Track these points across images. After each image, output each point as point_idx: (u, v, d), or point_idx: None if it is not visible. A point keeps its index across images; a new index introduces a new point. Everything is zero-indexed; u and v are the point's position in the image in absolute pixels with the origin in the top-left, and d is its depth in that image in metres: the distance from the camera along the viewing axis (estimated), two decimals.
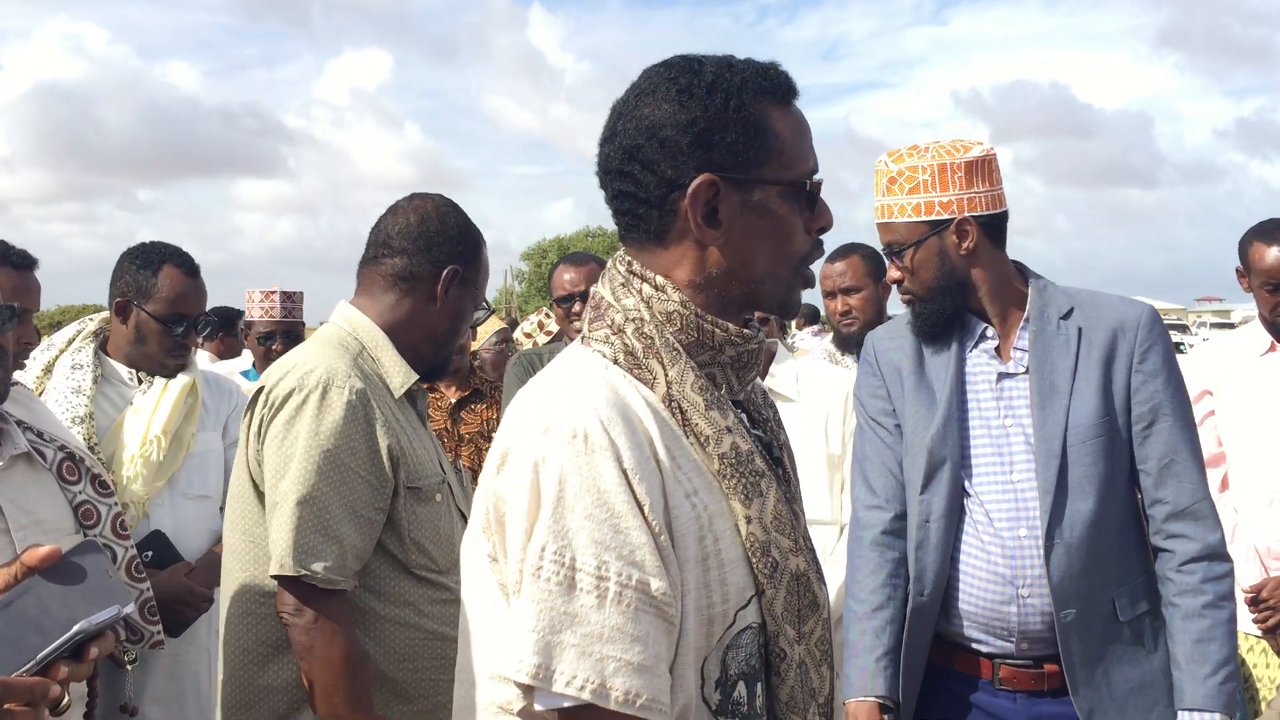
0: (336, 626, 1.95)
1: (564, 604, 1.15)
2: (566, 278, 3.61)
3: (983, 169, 2.18)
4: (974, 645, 2.18)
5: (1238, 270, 3.39)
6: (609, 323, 1.32)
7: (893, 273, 2.26)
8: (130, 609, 1.13)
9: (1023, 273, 2.27)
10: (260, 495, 2.06)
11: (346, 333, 2.15)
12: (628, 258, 1.35)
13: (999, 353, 2.21)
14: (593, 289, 1.37)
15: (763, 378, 2.81)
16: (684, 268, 1.31)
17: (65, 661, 1.08)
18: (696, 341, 1.30)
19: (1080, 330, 2.15)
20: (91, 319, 3.05)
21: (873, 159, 2.26)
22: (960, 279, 2.19)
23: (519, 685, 1.18)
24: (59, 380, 2.85)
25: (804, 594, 1.29)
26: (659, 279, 1.31)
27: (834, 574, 2.69)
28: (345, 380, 2.00)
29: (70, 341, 2.96)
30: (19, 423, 1.99)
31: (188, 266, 2.98)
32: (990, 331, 2.22)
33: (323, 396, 1.98)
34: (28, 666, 1.06)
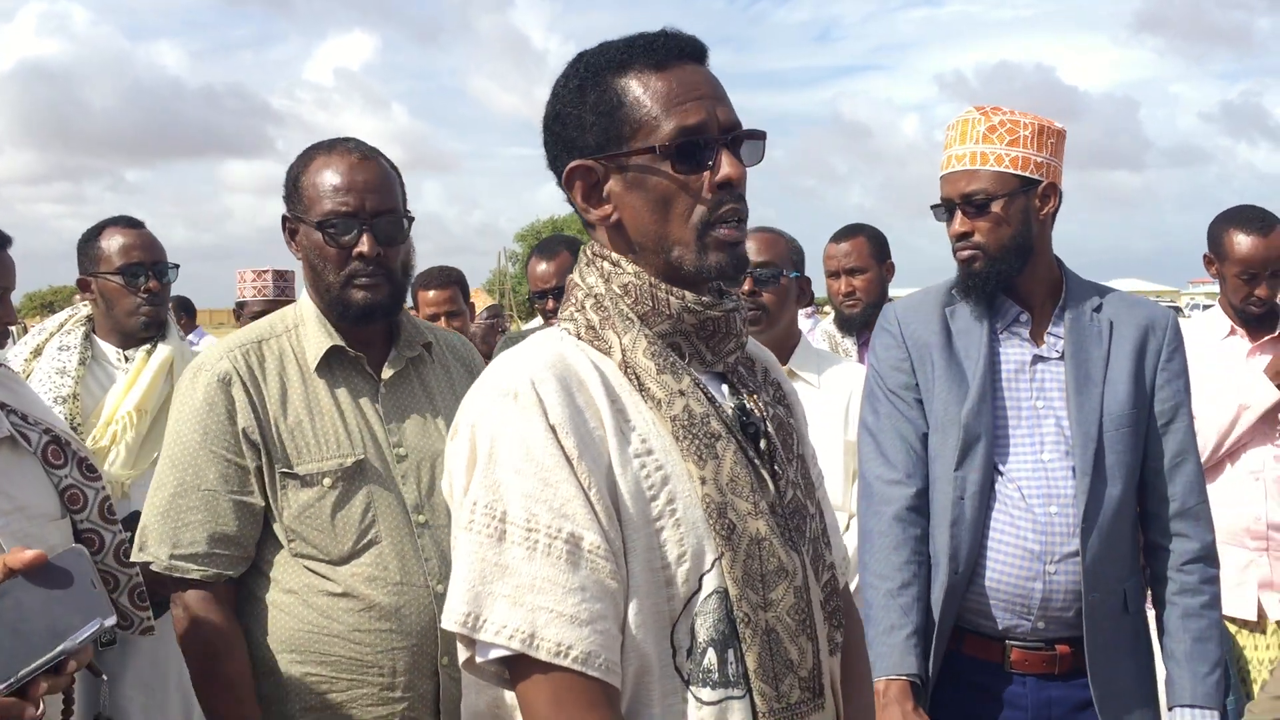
0: (196, 616, 1.93)
1: (495, 555, 1.19)
2: (539, 271, 3.44)
3: (1062, 144, 2.20)
4: (989, 625, 2.16)
5: (1205, 256, 3.33)
6: (574, 301, 1.38)
7: (958, 225, 2.18)
8: (110, 621, 1.13)
9: (1057, 260, 2.28)
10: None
11: (289, 311, 2.11)
12: (593, 241, 1.40)
13: (1033, 337, 2.21)
14: (568, 277, 1.42)
15: (785, 363, 2.78)
16: (613, 246, 1.36)
17: (45, 677, 1.08)
18: (652, 310, 1.33)
19: (1111, 323, 2.17)
20: (85, 304, 3.08)
21: (859, 143, 2.26)
22: (1032, 243, 2.18)
23: (459, 638, 1.22)
24: (46, 362, 2.88)
25: (767, 559, 1.27)
26: (614, 255, 1.35)
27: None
28: (214, 363, 1.98)
29: (61, 325, 2.99)
30: (1, 405, 1.97)
31: (127, 221, 3.03)
32: (1024, 316, 2.21)
33: (191, 382, 1.99)
34: (8, 683, 1.06)
